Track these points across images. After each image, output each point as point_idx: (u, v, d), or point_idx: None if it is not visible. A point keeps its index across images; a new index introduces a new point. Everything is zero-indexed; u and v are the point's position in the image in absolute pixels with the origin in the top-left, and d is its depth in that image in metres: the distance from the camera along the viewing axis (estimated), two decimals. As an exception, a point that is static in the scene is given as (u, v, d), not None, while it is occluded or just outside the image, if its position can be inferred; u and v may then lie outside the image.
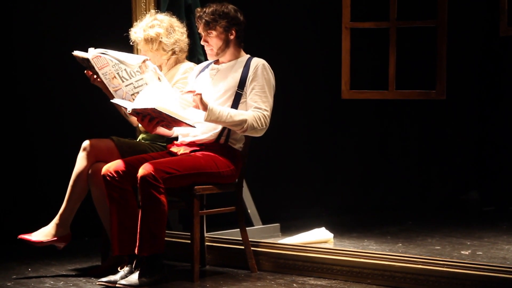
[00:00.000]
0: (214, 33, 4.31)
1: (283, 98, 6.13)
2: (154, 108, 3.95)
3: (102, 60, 4.28)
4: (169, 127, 4.18)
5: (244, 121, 4.19)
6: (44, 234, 4.38)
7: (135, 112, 4.07)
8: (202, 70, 4.49)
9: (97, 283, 4.08)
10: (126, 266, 4.11)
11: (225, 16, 4.30)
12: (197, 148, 4.32)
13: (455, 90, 6.33)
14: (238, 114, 4.20)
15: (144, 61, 4.31)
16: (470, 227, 5.84)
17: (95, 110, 5.51)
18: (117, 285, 3.99)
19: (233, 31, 4.33)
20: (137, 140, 4.67)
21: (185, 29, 4.66)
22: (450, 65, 5.94)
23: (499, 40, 6.04)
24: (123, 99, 4.28)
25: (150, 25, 4.55)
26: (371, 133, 6.89)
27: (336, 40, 6.03)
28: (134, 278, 3.99)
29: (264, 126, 4.25)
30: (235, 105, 4.30)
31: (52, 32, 5.58)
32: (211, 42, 4.34)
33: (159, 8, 5.04)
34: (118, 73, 4.30)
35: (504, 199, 6.73)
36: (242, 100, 4.30)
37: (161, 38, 4.53)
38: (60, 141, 5.58)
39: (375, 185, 6.83)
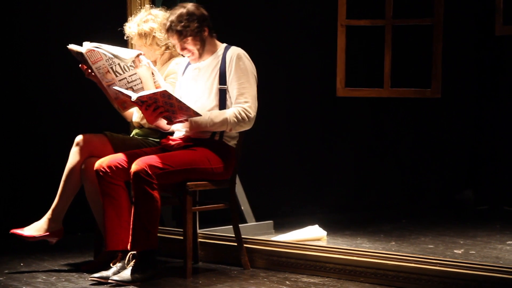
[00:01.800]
0: (189, 39, 4.26)
1: (278, 95, 6.16)
2: (164, 91, 3.92)
3: (96, 54, 4.26)
4: (171, 119, 4.15)
5: (225, 120, 4.17)
6: (36, 229, 4.36)
7: (140, 100, 4.04)
8: (186, 67, 4.46)
9: (90, 278, 4.07)
10: (119, 262, 4.10)
11: (192, 19, 4.25)
12: (191, 144, 4.30)
13: (450, 88, 6.33)
14: (218, 115, 4.18)
15: (137, 56, 4.30)
16: (464, 226, 5.84)
17: (89, 105, 5.49)
18: (109, 281, 3.99)
19: (205, 28, 4.30)
20: (131, 135, 4.66)
21: (179, 24, 4.64)
22: (446, 63, 5.94)
23: (495, 39, 6.04)
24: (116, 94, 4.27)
25: (144, 20, 4.54)
26: (366, 131, 6.88)
27: (332, 37, 6.02)
28: (126, 273, 3.98)
29: (247, 119, 4.20)
30: (222, 102, 4.27)
31: (47, 26, 5.56)
32: (190, 48, 4.29)
33: (154, 3, 5.02)
34: (111, 68, 4.28)
35: (498, 199, 6.72)
36: (227, 96, 4.28)
37: (155, 33, 4.51)
38: (54, 136, 5.56)
39: (369, 183, 6.82)
